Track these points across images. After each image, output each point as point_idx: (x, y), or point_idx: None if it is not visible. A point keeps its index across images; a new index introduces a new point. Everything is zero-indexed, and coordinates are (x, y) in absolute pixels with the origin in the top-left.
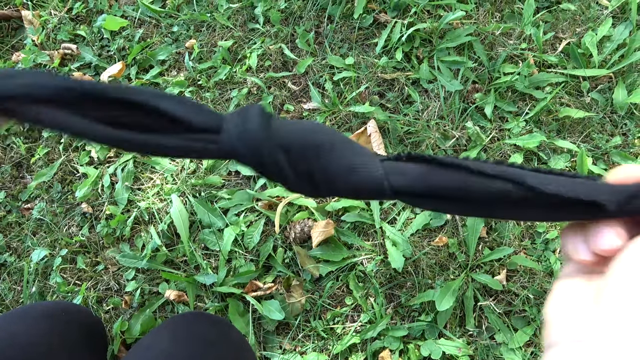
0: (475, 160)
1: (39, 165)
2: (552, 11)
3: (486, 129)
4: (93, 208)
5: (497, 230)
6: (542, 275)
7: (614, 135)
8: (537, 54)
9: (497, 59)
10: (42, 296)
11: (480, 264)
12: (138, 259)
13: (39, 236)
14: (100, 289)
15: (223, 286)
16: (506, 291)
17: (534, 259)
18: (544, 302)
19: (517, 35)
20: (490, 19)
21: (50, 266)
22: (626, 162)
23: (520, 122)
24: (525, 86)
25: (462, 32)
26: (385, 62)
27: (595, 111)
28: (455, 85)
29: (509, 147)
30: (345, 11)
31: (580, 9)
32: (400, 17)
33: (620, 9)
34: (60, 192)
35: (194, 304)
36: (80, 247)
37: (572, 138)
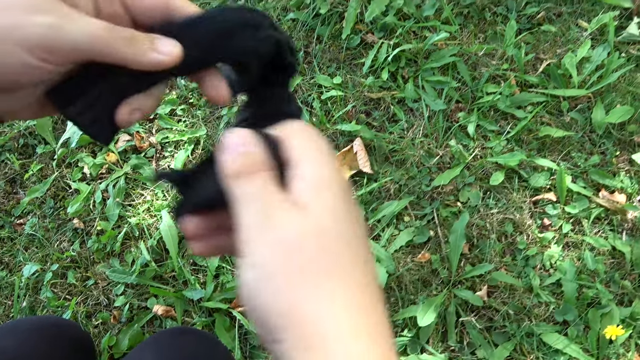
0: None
1: (32, 181)
2: (534, 33)
3: (469, 147)
4: (84, 223)
5: (479, 247)
6: (522, 291)
7: (593, 154)
8: (518, 74)
9: (480, 79)
10: (33, 311)
11: (462, 279)
12: (127, 274)
13: (30, 251)
14: (89, 303)
15: (210, 301)
16: (487, 307)
17: (514, 275)
18: (524, 319)
19: (499, 55)
20: (474, 40)
21: (41, 281)
22: (604, 180)
23: (502, 140)
24: (507, 105)
25: (447, 52)
26: (372, 82)
27: (575, 130)
28: (439, 104)
29: (491, 165)
30: (334, 32)
31: (560, 31)
32: (386, 38)
33: (599, 31)
34: (52, 207)
35: (181, 319)
36: (71, 262)
37: (552, 156)
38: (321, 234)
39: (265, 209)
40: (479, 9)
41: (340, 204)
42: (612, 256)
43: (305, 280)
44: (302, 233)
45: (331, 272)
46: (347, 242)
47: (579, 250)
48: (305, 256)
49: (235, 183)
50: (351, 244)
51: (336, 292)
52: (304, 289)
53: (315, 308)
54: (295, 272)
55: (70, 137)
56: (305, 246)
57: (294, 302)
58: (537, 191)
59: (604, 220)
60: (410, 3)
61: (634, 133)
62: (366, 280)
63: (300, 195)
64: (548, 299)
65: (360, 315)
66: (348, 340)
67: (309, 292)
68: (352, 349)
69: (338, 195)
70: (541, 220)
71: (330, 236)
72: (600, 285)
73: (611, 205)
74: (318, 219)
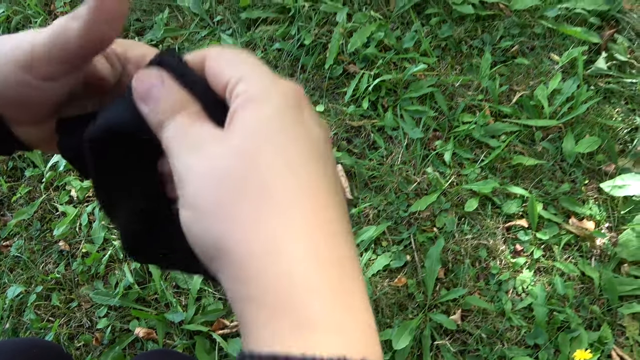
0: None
1: (19, 204)
2: (508, 65)
3: (445, 174)
4: (70, 246)
5: (454, 272)
6: (495, 315)
7: (563, 182)
8: (493, 104)
9: (457, 109)
10: (16, 332)
11: (437, 303)
12: (111, 297)
13: (15, 273)
14: (72, 325)
15: (191, 324)
16: (461, 330)
17: (487, 299)
18: (496, 342)
19: (475, 86)
20: (451, 71)
21: (25, 302)
22: (574, 208)
23: (477, 168)
24: (482, 135)
25: (425, 83)
26: (353, 110)
27: (546, 159)
28: (417, 132)
29: (466, 192)
30: (317, 62)
31: (533, 64)
32: (367, 69)
33: (569, 65)
34: (39, 230)
35: (162, 342)
36: (55, 284)
37: (524, 184)
38: (252, 154)
39: (189, 145)
40: (456, 42)
41: (279, 114)
42: (582, 281)
43: (238, 209)
44: (228, 156)
45: (266, 197)
46: (290, 158)
47: (550, 275)
48: (233, 183)
49: (161, 133)
50: (296, 159)
51: (272, 218)
52: (231, 219)
53: (249, 237)
54: (225, 202)
55: (59, 161)
56: (233, 170)
57: (223, 233)
58: (509, 218)
59: (573, 247)
60: (390, 35)
61: (602, 162)
62: (317, 199)
63: (232, 115)
64: (520, 323)
65: (308, 241)
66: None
67: (236, 221)
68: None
69: (275, 104)
70: (513, 246)
71: (265, 154)
72: (570, 310)
73: (580, 232)
74: (248, 136)
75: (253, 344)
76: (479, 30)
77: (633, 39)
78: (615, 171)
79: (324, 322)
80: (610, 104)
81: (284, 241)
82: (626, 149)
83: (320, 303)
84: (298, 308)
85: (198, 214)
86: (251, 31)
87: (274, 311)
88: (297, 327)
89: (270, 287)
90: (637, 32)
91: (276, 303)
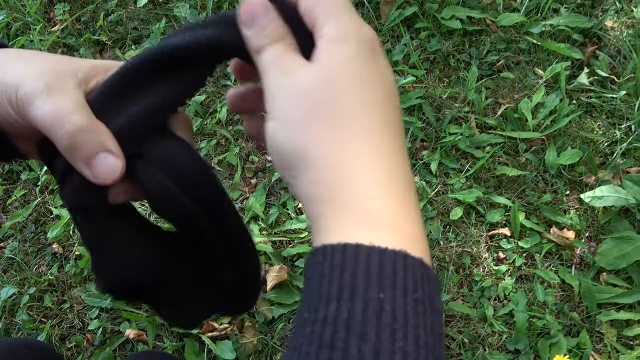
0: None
1: (15, 206)
2: (494, 79)
3: (432, 183)
4: (64, 248)
5: (439, 278)
6: (477, 321)
7: (545, 193)
8: (478, 116)
9: (444, 120)
10: (7, 333)
11: None
12: (102, 299)
13: (9, 274)
14: (64, 326)
15: None
16: (444, 335)
17: (470, 305)
18: (478, 347)
19: (461, 99)
20: (439, 84)
21: (17, 303)
22: (555, 217)
23: (462, 178)
24: (467, 145)
25: (413, 95)
26: None
27: (529, 170)
28: (405, 142)
29: (451, 201)
30: None
31: (518, 78)
32: None
33: (553, 79)
34: (33, 232)
35: (152, 343)
36: (48, 285)
37: (507, 194)
38: (333, 84)
39: (283, 70)
40: (444, 55)
41: (358, 55)
42: (562, 289)
43: (318, 126)
44: (314, 83)
45: (342, 119)
46: (364, 91)
47: (531, 282)
48: (316, 105)
49: (258, 56)
50: (369, 93)
51: (346, 136)
52: (314, 132)
53: (326, 149)
54: (309, 119)
55: None
56: (317, 95)
57: (305, 142)
58: (493, 226)
59: (554, 255)
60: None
61: (583, 174)
62: (384, 127)
63: (318, 51)
64: (501, 329)
65: (374, 158)
66: (350, 173)
67: (317, 134)
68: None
69: (355, 47)
70: (496, 253)
71: (344, 85)
72: (550, 317)
73: (561, 241)
74: (331, 69)
75: (324, 238)
76: (466, 45)
77: (614, 56)
78: (596, 183)
79: (384, 221)
80: (591, 118)
81: (355, 156)
82: (606, 161)
83: (380, 205)
84: (362, 208)
85: (284, 125)
86: None
87: (343, 210)
88: (361, 222)
89: (340, 191)
90: (618, 49)
91: (345, 203)
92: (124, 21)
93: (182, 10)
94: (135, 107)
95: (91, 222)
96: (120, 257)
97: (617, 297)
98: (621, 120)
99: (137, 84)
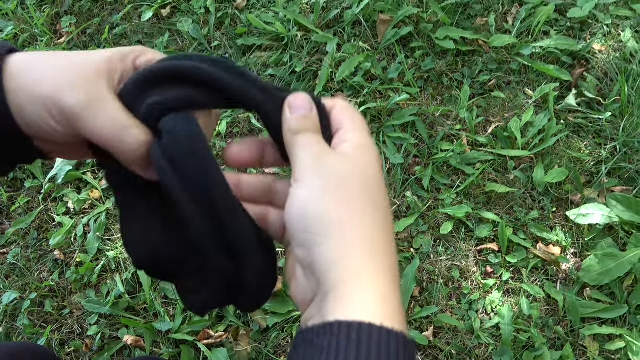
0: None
1: (18, 213)
2: (485, 98)
3: (424, 198)
4: (65, 255)
5: (428, 290)
6: (465, 333)
7: (533, 209)
8: (470, 134)
9: (436, 137)
10: (8, 337)
11: (411, 320)
12: (102, 305)
13: (11, 279)
14: (64, 331)
15: (178, 333)
16: (433, 346)
17: (458, 317)
18: (465, 359)
19: (454, 117)
20: (432, 102)
21: (19, 308)
22: (542, 233)
23: (452, 193)
24: (458, 162)
25: (407, 112)
26: None
27: (518, 187)
28: (399, 158)
29: (441, 216)
30: (308, 88)
31: (508, 97)
32: (354, 96)
33: (542, 99)
34: (35, 239)
35: (150, 349)
36: (49, 291)
37: (496, 210)
38: (364, 178)
39: (319, 154)
40: (437, 74)
41: (375, 164)
42: (547, 303)
43: (348, 206)
44: (348, 173)
45: (367, 207)
46: (381, 190)
47: (517, 296)
48: (349, 191)
49: (295, 137)
50: (381, 193)
51: (369, 222)
52: (345, 211)
53: (349, 227)
54: (340, 199)
55: (57, 174)
56: (349, 183)
57: (337, 215)
58: (481, 241)
59: (540, 270)
60: (377, 66)
61: (569, 192)
62: (386, 223)
63: (347, 151)
64: (488, 341)
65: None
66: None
67: (348, 214)
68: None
69: (373, 157)
70: (484, 267)
71: (370, 181)
72: (535, 330)
73: (547, 257)
74: (361, 167)
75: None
76: (459, 64)
77: (601, 78)
78: (581, 201)
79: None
80: (578, 138)
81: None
82: (592, 180)
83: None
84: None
85: (316, 198)
86: (246, 57)
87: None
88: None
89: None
90: (605, 72)
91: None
92: (129, 34)
93: (185, 25)
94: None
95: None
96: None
97: (600, 312)
98: (607, 140)
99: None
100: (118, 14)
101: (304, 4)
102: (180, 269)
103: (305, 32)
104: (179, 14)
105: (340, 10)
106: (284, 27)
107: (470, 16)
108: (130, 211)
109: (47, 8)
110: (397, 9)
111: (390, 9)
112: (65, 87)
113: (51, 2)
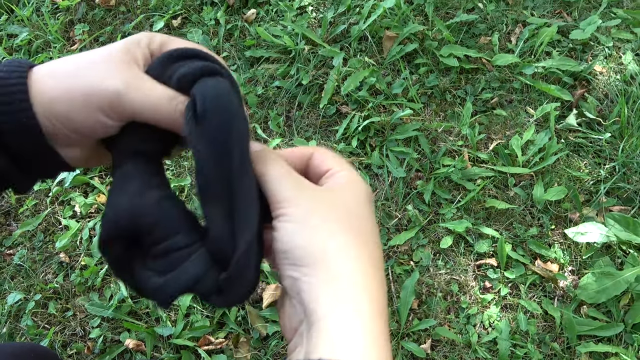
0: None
1: (25, 215)
2: (487, 115)
3: (424, 212)
4: (70, 258)
5: (427, 303)
6: (462, 347)
7: (532, 226)
8: (471, 150)
9: (438, 152)
10: (12, 337)
11: (409, 332)
12: (105, 308)
13: (16, 280)
14: (66, 333)
15: (179, 339)
16: (430, 359)
17: (456, 331)
18: None
19: (456, 133)
20: (435, 117)
21: (23, 309)
22: (540, 250)
23: (453, 208)
24: (459, 177)
25: (410, 127)
26: (343, 147)
27: (517, 204)
28: (401, 172)
29: (442, 230)
30: (313, 100)
31: (510, 115)
32: (358, 110)
33: (543, 118)
34: (42, 241)
35: (150, 354)
36: (53, 293)
37: (496, 225)
38: (347, 210)
39: (298, 184)
40: (441, 91)
41: (362, 198)
42: (544, 319)
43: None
44: (331, 204)
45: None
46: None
47: (515, 312)
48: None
49: (264, 166)
50: (368, 225)
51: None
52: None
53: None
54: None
55: (65, 177)
56: (332, 213)
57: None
58: (480, 256)
59: (538, 287)
60: (381, 81)
61: (568, 210)
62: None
63: (333, 185)
64: (484, 355)
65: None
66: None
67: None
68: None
69: (361, 193)
70: (483, 282)
71: (353, 213)
72: (532, 346)
73: (545, 274)
74: (345, 199)
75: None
76: (462, 82)
77: (601, 99)
78: (580, 219)
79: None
80: (578, 157)
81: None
82: (591, 199)
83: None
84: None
85: (300, 229)
86: (254, 68)
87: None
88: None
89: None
90: (605, 93)
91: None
92: None
93: (195, 35)
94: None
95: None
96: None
97: (597, 330)
98: (606, 160)
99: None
100: (130, 23)
101: (312, 18)
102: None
103: (313, 45)
104: (190, 24)
105: (347, 26)
106: (291, 40)
107: (475, 35)
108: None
109: (61, 15)
110: (403, 26)
111: (397, 26)
112: (103, 76)
113: (65, 9)
